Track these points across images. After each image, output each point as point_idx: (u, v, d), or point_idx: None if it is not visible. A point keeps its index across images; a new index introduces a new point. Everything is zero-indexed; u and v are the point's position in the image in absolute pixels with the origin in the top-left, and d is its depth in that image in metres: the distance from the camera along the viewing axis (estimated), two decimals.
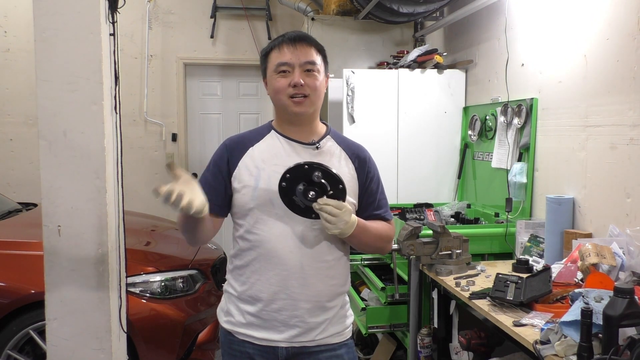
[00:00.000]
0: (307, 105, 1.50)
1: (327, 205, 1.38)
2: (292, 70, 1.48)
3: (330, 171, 1.41)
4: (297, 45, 1.49)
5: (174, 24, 4.84)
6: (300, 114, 1.51)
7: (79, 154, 2.06)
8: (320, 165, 1.40)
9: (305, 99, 1.49)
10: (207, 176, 1.55)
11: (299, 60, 1.48)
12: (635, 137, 2.11)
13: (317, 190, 1.39)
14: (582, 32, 2.42)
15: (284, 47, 1.50)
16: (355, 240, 1.51)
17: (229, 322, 1.55)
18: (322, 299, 1.51)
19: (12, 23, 4.63)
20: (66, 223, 2.06)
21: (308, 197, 1.39)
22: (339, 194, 1.41)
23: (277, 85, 1.50)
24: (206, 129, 5.08)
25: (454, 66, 3.65)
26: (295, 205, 1.42)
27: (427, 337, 2.57)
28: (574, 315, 1.43)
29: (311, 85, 1.49)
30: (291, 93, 1.48)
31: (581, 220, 2.42)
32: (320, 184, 1.39)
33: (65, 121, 2.05)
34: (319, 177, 1.39)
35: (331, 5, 4.04)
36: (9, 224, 3.23)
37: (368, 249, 1.59)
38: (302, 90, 1.48)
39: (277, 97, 1.51)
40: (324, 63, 1.55)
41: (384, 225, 1.59)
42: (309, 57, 1.49)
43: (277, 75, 1.50)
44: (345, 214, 1.39)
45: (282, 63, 1.48)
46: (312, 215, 1.42)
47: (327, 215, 1.38)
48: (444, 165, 3.63)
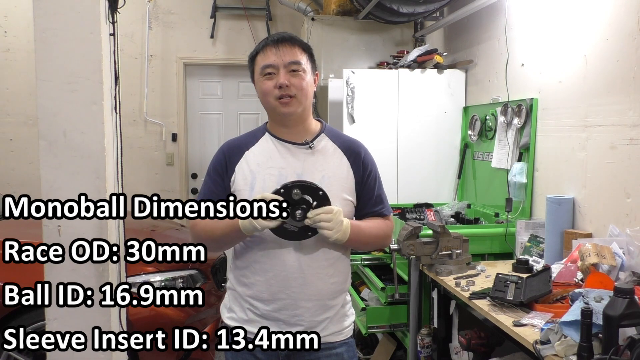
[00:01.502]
0: (295, 105, 1.50)
1: (317, 215, 1.39)
2: (277, 72, 1.49)
3: (305, 183, 1.41)
4: (280, 47, 1.49)
5: (174, 24, 4.84)
6: (288, 114, 1.51)
7: (79, 154, 2.06)
8: (293, 182, 1.40)
9: (292, 99, 1.49)
10: (208, 183, 1.57)
11: (283, 61, 1.48)
12: (635, 137, 2.11)
13: (303, 208, 1.39)
14: (582, 32, 2.42)
15: (267, 49, 1.50)
16: (353, 243, 1.53)
17: (232, 318, 1.57)
18: (323, 298, 1.51)
19: (12, 23, 4.63)
20: (66, 223, 2.06)
21: (297, 218, 1.39)
22: (322, 201, 1.41)
23: (264, 88, 1.50)
24: (206, 129, 5.08)
25: (454, 66, 3.65)
26: (289, 232, 1.42)
27: (427, 337, 2.57)
28: (574, 315, 1.42)
29: (297, 85, 1.49)
30: (278, 94, 1.49)
31: (581, 220, 2.42)
32: (303, 200, 1.39)
33: (65, 121, 2.05)
34: (299, 194, 1.39)
35: (331, 5, 4.04)
36: (9, 224, 3.23)
37: (366, 247, 1.62)
38: (288, 91, 1.48)
39: (265, 100, 1.52)
40: (310, 62, 1.55)
41: (380, 222, 1.59)
42: (293, 57, 1.49)
43: (263, 78, 1.51)
44: (337, 215, 1.41)
45: (267, 65, 1.49)
46: (309, 234, 1.43)
47: (324, 223, 1.39)
48: (444, 165, 3.63)
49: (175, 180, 4.94)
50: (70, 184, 2.06)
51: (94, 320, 2.11)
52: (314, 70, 1.57)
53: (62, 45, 2.02)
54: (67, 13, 2.01)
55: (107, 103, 2.10)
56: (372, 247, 1.63)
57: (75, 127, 2.05)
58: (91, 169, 2.07)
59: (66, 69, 2.03)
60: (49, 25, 2.01)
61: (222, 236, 1.51)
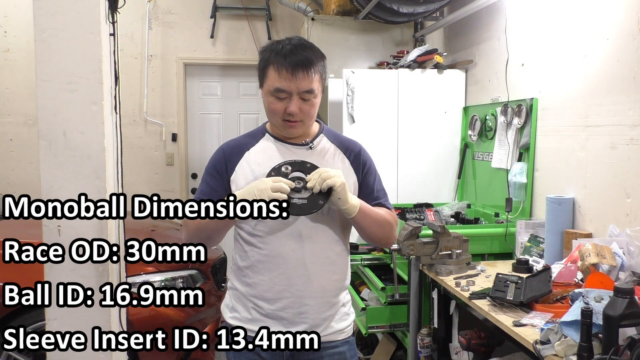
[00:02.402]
0: (300, 128, 1.52)
1: (316, 173, 1.42)
2: (289, 97, 1.46)
3: (292, 161, 1.46)
4: (298, 74, 1.44)
5: (174, 24, 4.84)
6: (292, 134, 1.54)
7: (79, 154, 2.06)
8: (279, 163, 1.46)
9: (299, 122, 1.50)
10: (208, 181, 1.56)
11: (297, 89, 1.45)
12: (635, 137, 2.11)
13: (299, 179, 1.43)
14: (582, 32, 2.42)
15: (283, 71, 1.44)
16: (361, 223, 1.51)
17: (235, 317, 1.56)
18: (326, 294, 1.52)
19: (12, 23, 4.63)
20: (66, 223, 2.06)
21: (299, 188, 1.41)
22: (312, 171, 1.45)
23: (272, 108, 1.49)
24: (206, 129, 5.08)
25: (454, 66, 3.65)
26: (298, 206, 1.42)
27: (427, 337, 2.57)
28: (574, 315, 1.43)
29: (306, 111, 1.49)
30: (285, 117, 1.49)
31: (581, 220, 2.42)
32: (295, 177, 1.43)
33: (65, 121, 2.05)
34: (290, 170, 1.44)
35: (331, 5, 4.04)
36: (9, 224, 3.23)
37: (373, 234, 1.56)
38: (297, 118, 1.48)
39: (272, 117, 1.53)
40: (321, 80, 1.51)
41: (385, 210, 1.59)
42: (307, 86, 1.46)
43: (273, 98, 1.48)
44: (330, 170, 1.43)
45: (280, 89, 1.45)
46: (320, 202, 1.42)
47: (326, 174, 1.40)
48: (444, 165, 3.63)
49: (175, 180, 4.94)
50: (70, 184, 2.06)
51: (94, 320, 2.11)
52: (324, 82, 1.54)
53: (62, 45, 2.02)
54: (67, 13, 2.01)
55: (107, 103, 2.10)
56: (378, 235, 1.57)
57: (75, 127, 2.05)
58: (91, 169, 2.07)
59: (66, 69, 2.03)
60: (49, 25, 2.01)
61: (207, 224, 1.49)
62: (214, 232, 1.54)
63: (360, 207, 1.48)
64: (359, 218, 1.48)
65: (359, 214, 1.47)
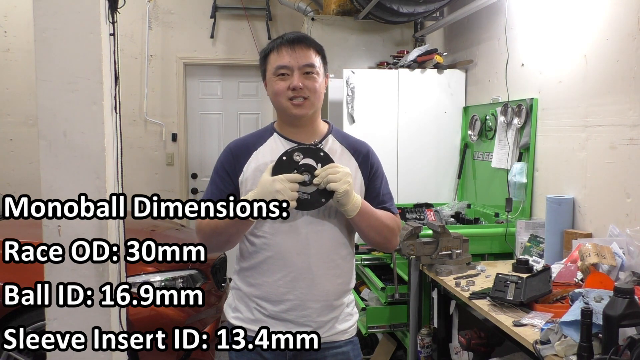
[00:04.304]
0: (307, 107, 1.50)
1: (324, 171, 1.38)
2: (291, 73, 1.48)
3: (305, 145, 1.43)
4: (296, 48, 1.48)
5: (174, 24, 4.84)
6: (300, 116, 1.51)
7: (79, 154, 2.06)
8: (292, 147, 1.42)
9: (305, 101, 1.49)
10: (216, 181, 1.55)
11: (297, 63, 1.48)
12: (635, 137, 2.11)
13: (308, 169, 1.40)
14: (582, 32, 2.42)
15: (282, 49, 1.49)
16: (359, 225, 1.49)
17: (237, 317, 1.56)
18: (330, 298, 1.52)
19: (12, 23, 4.63)
20: (66, 223, 2.06)
21: (306, 182, 1.39)
22: (325, 161, 1.42)
23: (277, 88, 1.49)
24: (206, 129, 5.08)
25: (454, 66, 3.65)
26: (302, 201, 1.40)
27: (427, 337, 2.57)
28: (574, 315, 1.43)
29: (310, 87, 1.49)
30: (290, 96, 1.48)
31: (581, 220, 2.42)
32: (306, 164, 1.40)
33: (65, 121, 2.05)
34: (301, 157, 1.41)
35: (331, 5, 4.04)
36: (9, 224, 3.23)
37: (375, 237, 1.54)
38: (302, 93, 1.48)
39: (277, 100, 1.51)
40: (323, 64, 1.54)
41: (388, 214, 1.58)
42: (307, 60, 1.49)
43: (276, 78, 1.49)
44: (341, 168, 1.40)
45: (281, 66, 1.48)
46: (322, 200, 1.41)
47: (332, 176, 1.37)
48: (444, 165, 3.63)
49: (175, 180, 4.94)
50: (70, 184, 2.06)
51: (94, 320, 2.11)
52: (326, 72, 1.56)
53: (62, 45, 2.02)
54: (67, 13, 2.01)
55: (107, 103, 2.10)
56: (381, 236, 1.55)
57: (75, 127, 2.05)
58: (91, 169, 2.07)
59: (66, 69, 2.03)
60: (49, 25, 2.01)
61: (226, 227, 1.46)
62: (234, 236, 1.50)
63: (361, 209, 1.45)
64: (357, 220, 1.47)
65: (357, 215, 1.45)
